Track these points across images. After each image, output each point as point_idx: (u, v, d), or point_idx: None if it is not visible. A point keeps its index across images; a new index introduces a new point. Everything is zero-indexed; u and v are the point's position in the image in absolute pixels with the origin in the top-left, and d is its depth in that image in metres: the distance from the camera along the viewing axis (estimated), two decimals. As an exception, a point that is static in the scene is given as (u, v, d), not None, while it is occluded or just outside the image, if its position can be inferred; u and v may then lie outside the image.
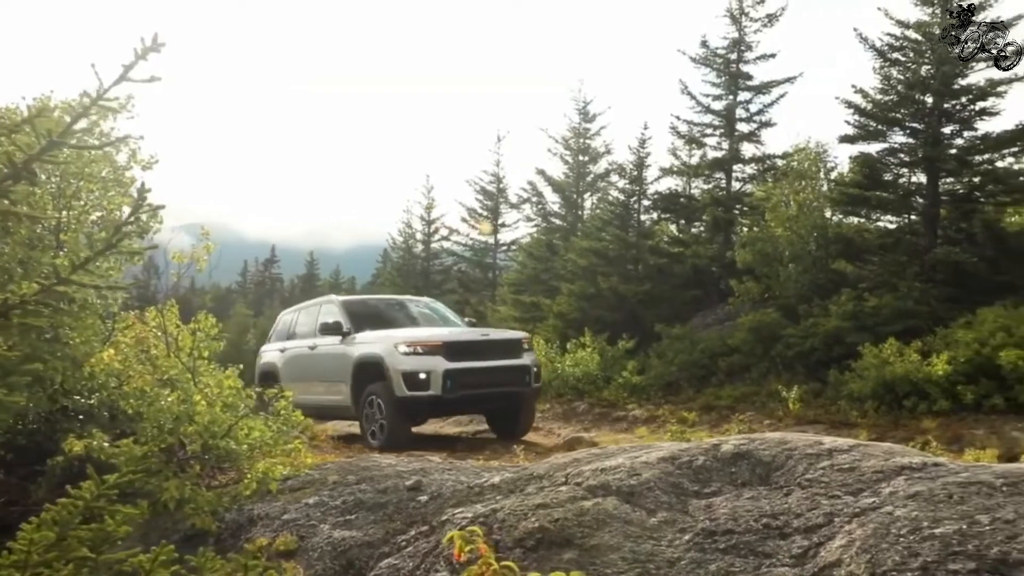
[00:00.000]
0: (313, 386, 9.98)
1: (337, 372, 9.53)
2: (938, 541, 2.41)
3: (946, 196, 12.93)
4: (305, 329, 10.83)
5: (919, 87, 12.51)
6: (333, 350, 9.71)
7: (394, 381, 8.56)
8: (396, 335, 9.23)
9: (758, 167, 17.29)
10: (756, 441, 3.70)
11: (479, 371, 8.87)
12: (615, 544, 3.07)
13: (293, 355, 10.81)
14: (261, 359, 11.93)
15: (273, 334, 12.11)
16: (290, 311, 12.22)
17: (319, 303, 11.16)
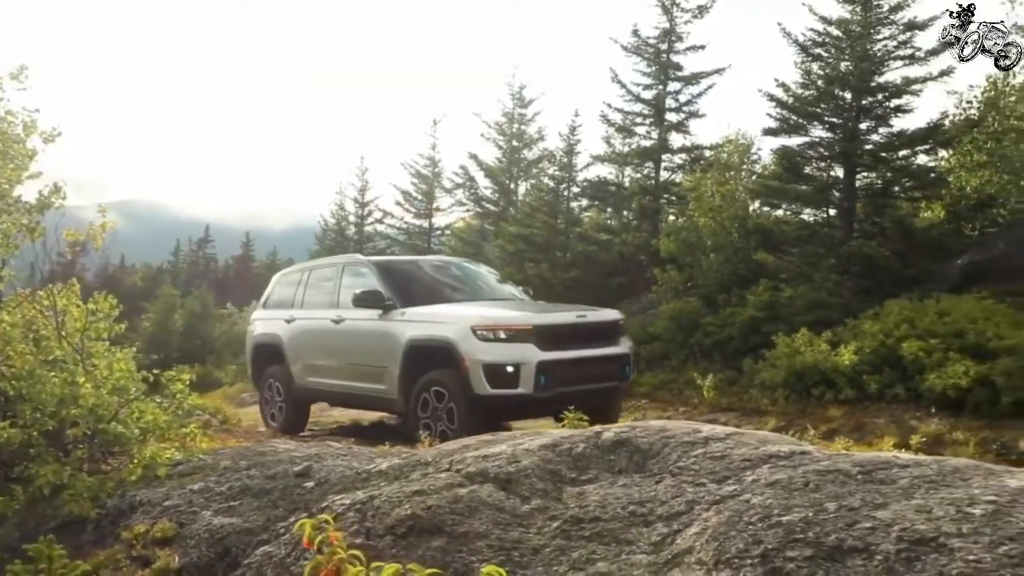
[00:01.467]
0: (338, 369, 8.45)
1: (378, 355, 7.86)
2: (783, 528, 2.45)
3: (862, 191, 13.28)
4: (321, 296, 8.98)
5: (838, 83, 12.80)
6: (371, 327, 7.94)
7: (471, 374, 6.88)
8: (470, 314, 7.47)
9: (686, 157, 17.49)
10: (637, 429, 3.73)
11: (577, 363, 7.20)
12: (484, 531, 3.06)
13: (306, 328, 8.98)
14: (255, 330, 9.98)
15: (268, 299, 10.09)
16: (292, 271, 10.20)
17: (338, 264, 9.19)
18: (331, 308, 8.64)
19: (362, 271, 8.59)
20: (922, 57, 12.66)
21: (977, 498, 2.42)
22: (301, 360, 8.94)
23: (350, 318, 8.25)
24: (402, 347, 7.50)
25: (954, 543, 2.17)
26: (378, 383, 7.89)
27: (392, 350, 7.62)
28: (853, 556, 2.23)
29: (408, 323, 7.60)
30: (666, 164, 17.61)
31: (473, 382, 6.90)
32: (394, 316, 7.73)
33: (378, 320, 7.86)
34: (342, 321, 8.37)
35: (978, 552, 2.10)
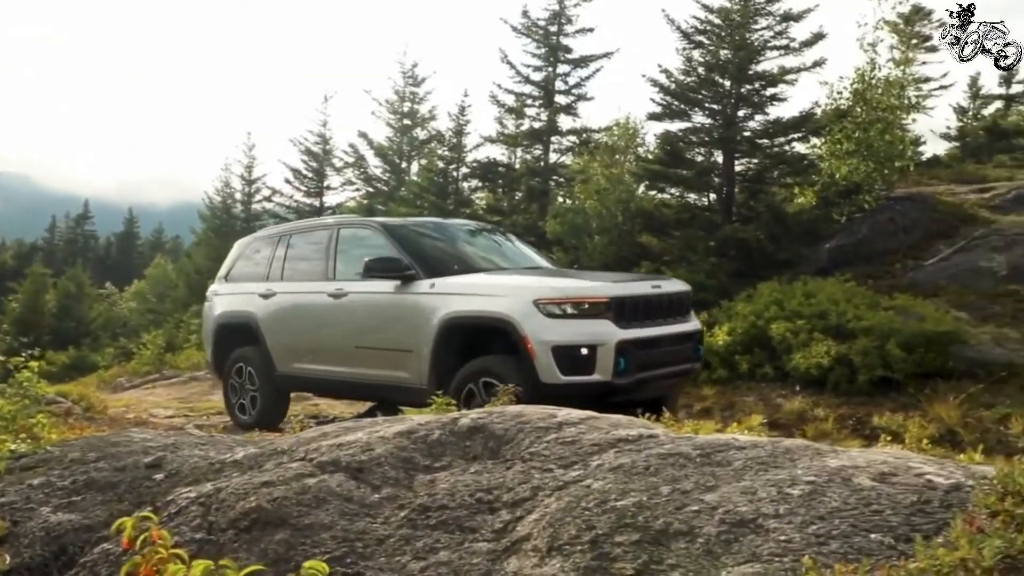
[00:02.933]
0: (338, 353, 7.22)
1: (398, 336, 6.66)
2: (616, 513, 2.48)
3: (740, 176, 13.74)
4: (309, 266, 7.74)
5: (718, 70, 13.17)
6: (388, 302, 6.75)
7: (538, 358, 5.70)
8: (530, 284, 6.29)
9: (576, 139, 17.68)
10: (494, 414, 3.73)
11: (656, 343, 6.19)
12: (330, 522, 3.00)
13: (291, 305, 7.74)
14: (216, 307, 8.60)
15: (231, 271, 8.75)
16: (263, 237, 8.77)
17: (330, 227, 7.86)
18: (324, 280, 7.40)
19: (364, 234, 7.35)
20: (796, 48, 13.16)
21: (799, 479, 2.51)
22: (284, 342, 7.74)
23: (355, 291, 7.02)
24: (434, 326, 6.26)
25: (771, 524, 2.24)
26: (398, 370, 6.65)
27: (418, 329, 6.40)
28: (677, 539, 2.28)
29: (442, 296, 6.35)
30: (556, 146, 17.77)
31: (540, 368, 5.70)
32: (419, 288, 6.51)
33: (396, 293, 6.65)
34: (343, 295, 7.12)
35: (790, 532, 2.17)
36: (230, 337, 8.40)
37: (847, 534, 2.13)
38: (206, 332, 8.88)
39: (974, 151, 20.94)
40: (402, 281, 6.67)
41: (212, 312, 8.70)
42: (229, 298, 8.53)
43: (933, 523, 2.14)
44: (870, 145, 13.61)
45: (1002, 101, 24.25)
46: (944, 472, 2.46)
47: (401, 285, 6.67)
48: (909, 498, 2.29)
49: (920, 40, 20.93)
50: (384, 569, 2.71)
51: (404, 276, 6.67)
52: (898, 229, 12.60)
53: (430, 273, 6.64)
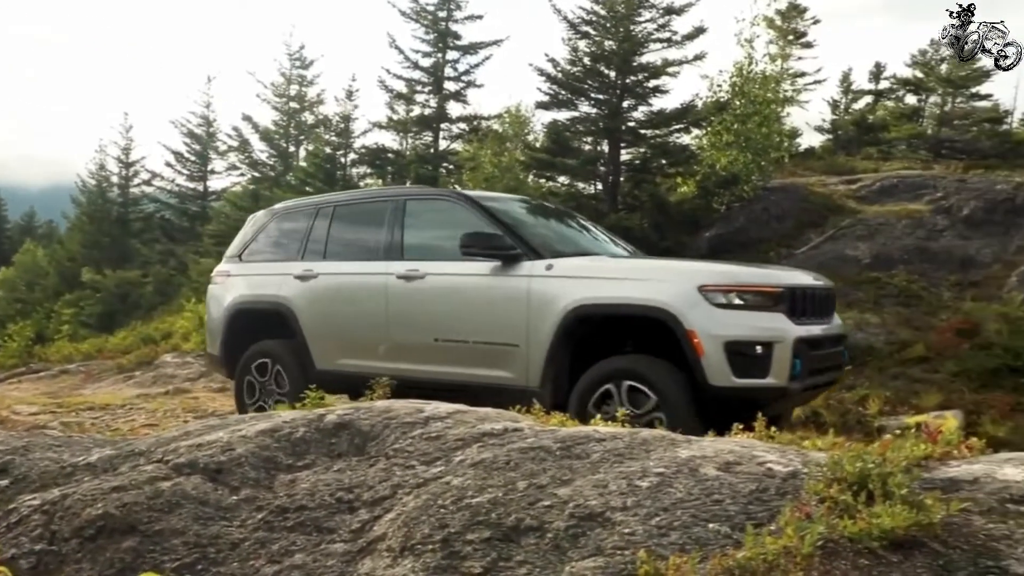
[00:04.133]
0: (410, 347, 6.10)
1: (502, 327, 5.62)
2: (470, 511, 2.48)
3: (625, 165, 14.02)
4: (367, 243, 6.56)
5: (604, 61, 13.36)
6: (486, 287, 5.71)
7: (706, 356, 4.79)
8: (692, 267, 5.47)
9: (466, 127, 17.65)
10: (361, 410, 3.68)
11: (822, 344, 5.36)
12: (182, 528, 2.89)
13: (343, 288, 6.54)
14: (231, 292, 7.17)
15: (247, 247, 7.39)
16: (296, 208, 7.40)
17: (395, 198, 6.58)
18: (388, 259, 6.28)
19: (443, 207, 6.38)
20: (678, 41, 13.50)
21: (649, 470, 2.58)
22: (330, 334, 6.57)
23: (435, 273, 5.97)
24: (555, 316, 5.29)
25: (617, 516, 2.29)
26: (496, 368, 5.62)
27: (530, 320, 5.43)
28: (528, 535, 2.30)
29: (563, 280, 5.38)
30: (445, 133, 17.70)
31: (709, 368, 4.79)
32: (529, 270, 5.52)
33: (496, 276, 5.64)
34: (418, 278, 6.03)
35: (634, 525, 2.22)
36: (249, 326, 7.04)
37: (687, 525, 2.20)
38: (213, 320, 7.41)
39: (845, 144, 22.01)
40: (504, 262, 5.60)
41: (223, 297, 7.24)
42: (248, 280, 7.11)
43: (768, 511, 2.23)
44: (748, 137, 14.12)
45: (872, 96, 25.57)
46: (784, 460, 2.56)
47: (502, 267, 5.60)
48: (749, 487, 2.38)
49: (796, 36, 21.81)
50: (236, 574, 2.64)
51: (508, 256, 5.59)
52: (772, 218, 13.14)
53: (542, 253, 5.62)
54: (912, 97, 24.01)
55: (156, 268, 22.19)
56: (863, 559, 1.93)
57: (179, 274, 21.33)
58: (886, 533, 1.95)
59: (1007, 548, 1.92)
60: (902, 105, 23.42)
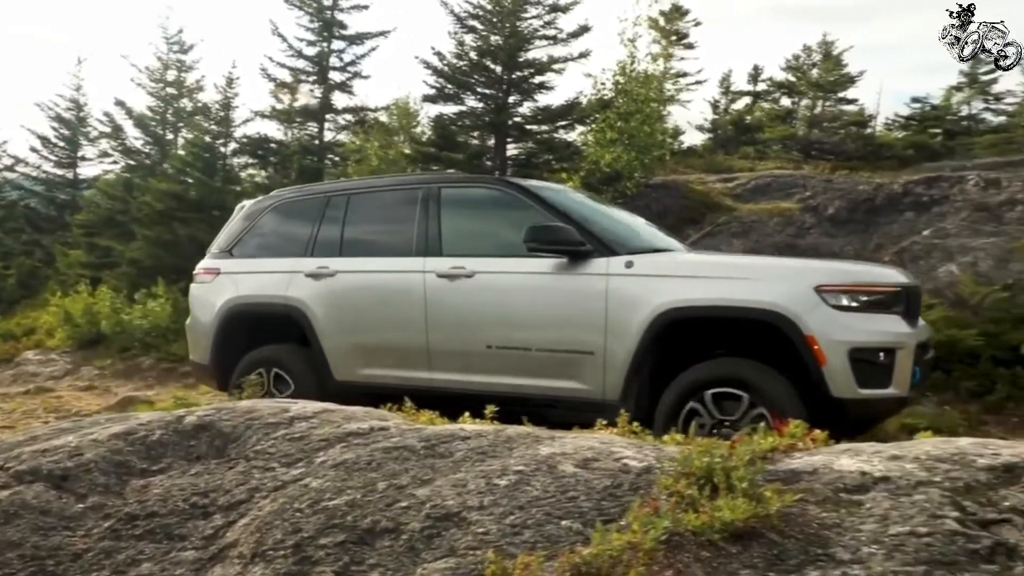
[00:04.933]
0: (457, 355, 5.39)
1: (574, 332, 4.98)
2: (326, 514, 2.44)
3: (512, 161, 14.10)
4: (394, 237, 5.82)
5: (490, 56, 13.39)
6: (552, 286, 5.08)
7: (828, 365, 4.28)
8: (806, 265, 5.05)
9: (352, 118, 17.34)
10: (224, 411, 3.56)
11: (926, 348, 4.92)
12: (19, 539, 2.72)
13: (369, 287, 5.78)
14: (224, 291, 6.31)
15: (240, 240, 6.56)
16: (299, 197, 6.62)
17: (425, 186, 5.87)
18: (421, 255, 5.57)
19: (486, 195, 5.75)
20: (564, 38, 13.65)
21: (509, 468, 2.59)
22: (354, 339, 5.79)
23: (487, 271, 5.30)
24: (643, 320, 4.70)
25: (474, 516, 2.29)
26: (566, 378, 4.99)
27: (610, 325, 4.83)
28: (383, 537, 2.28)
29: (648, 280, 4.80)
30: (331, 124, 17.34)
31: (832, 379, 4.30)
32: (607, 268, 4.91)
33: (562, 274, 5.03)
34: (465, 276, 5.34)
35: (489, 524, 2.23)
36: (248, 331, 6.21)
37: (541, 523, 2.22)
38: (199, 324, 6.50)
39: (724, 143, 22.81)
40: (571, 259, 5.00)
41: (212, 297, 6.37)
42: (245, 278, 6.30)
43: (621, 506, 2.28)
44: (631, 135, 14.42)
45: (750, 97, 26.60)
46: (640, 455, 2.62)
47: (569, 264, 5.00)
48: (604, 483, 2.42)
49: (678, 37, 22.45)
50: (77, 588, 2.50)
51: (579, 252, 4.98)
52: (654, 215, 13.42)
53: (616, 249, 5.03)
54: (787, 99, 25.13)
55: (20, 259, 20.88)
56: (705, 551, 2.00)
57: (45, 266, 20.14)
58: (726, 525, 2.02)
59: (836, 536, 2.02)
60: (777, 107, 24.46)
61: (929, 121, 23.58)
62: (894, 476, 2.24)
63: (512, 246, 5.25)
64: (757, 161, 19.37)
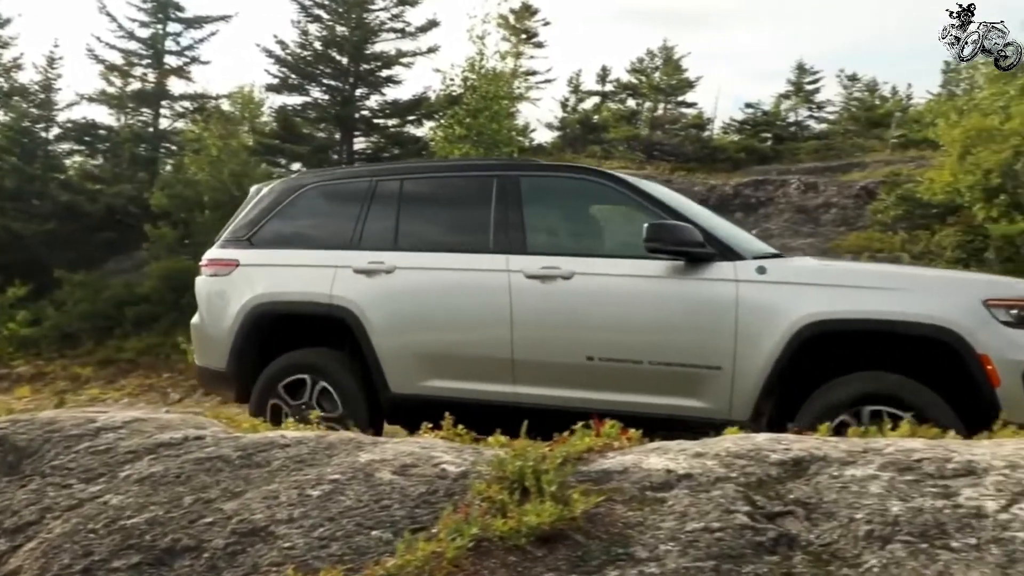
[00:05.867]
0: (551, 367, 4.76)
1: (697, 344, 4.49)
2: (123, 534, 2.30)
3: (358, 154, 13.88)
4: (464, 230, 5.22)
5: (336, 47, 13.11)
6: (669, 293, 4.58)
7: (1004, 387, 3.97)
8: (969, 278, 4.84)
9: (191, 105, 16.55)
10: (21, 423, 3.28)
11: None
12: None
13: (444, 285, 5.06)
14: (248, 287, 5.37)
15: (263, 227, 5.62)
16: (341, 178, 5.91)
17: (502, 174, 5.21)
18: (501, 251, 4.94)
19: (581, 188, 5.11)
20: (412, 32, 13.56)
21: (325, 477, 2.52)
22: (417, 346, 5.06)
23: (587, 272, 4.73)
24: (783, 332, 4.29)
25: (281, 530, 2.21)
26: (685, 395, 4.50)
27: (741, 337, 4.39)
28: (182, 557, 2.16)
29: (790, 288, 4.42)
30: (168, 111, 16.48)
31: (1005, 401, 3.94)
32: (735, 274, 4.47)
33: (686, 280, 4.54)
34: (562, 277, 4.74)
35: (296, 538, 2.16)
36: (277, 334, 5.39)
37: (351, 534, 2.17)
38: (214, 324, 5.53)
39: (572, 141, 23.37)
40: (690, 261, 4.51)
41: (231, 293, 5.43)
42: (274, 272, 5.42)
43: (434, 513, 2.26)
44: (480, 132, 14.50)
45: (599, 97, 27.37)
46: (459, 460, 2.62)
47: (686, 268, 4.53)
48: (419, 489, 2.40)
49: (528, 35, 22.77)
50: None
51: (700, 255, 4.50)
52: (501, 212, 13.62)
53: (740, 253, 4.59)
54: (632, 101, 26.04)
55: None
56: (512, 556, 2.01)
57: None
58: (533, 529, 2.04)
59: (638, 534, 2.08)
60: (623, 108, 25.30)
61: (760, 126, 25.08)
62: (696, 473, 2.34)
63: (612, 245, 4.98)
64: (603, 160, 19.96)
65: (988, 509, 1.94)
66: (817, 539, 1.99)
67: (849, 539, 1.96)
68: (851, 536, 1.96)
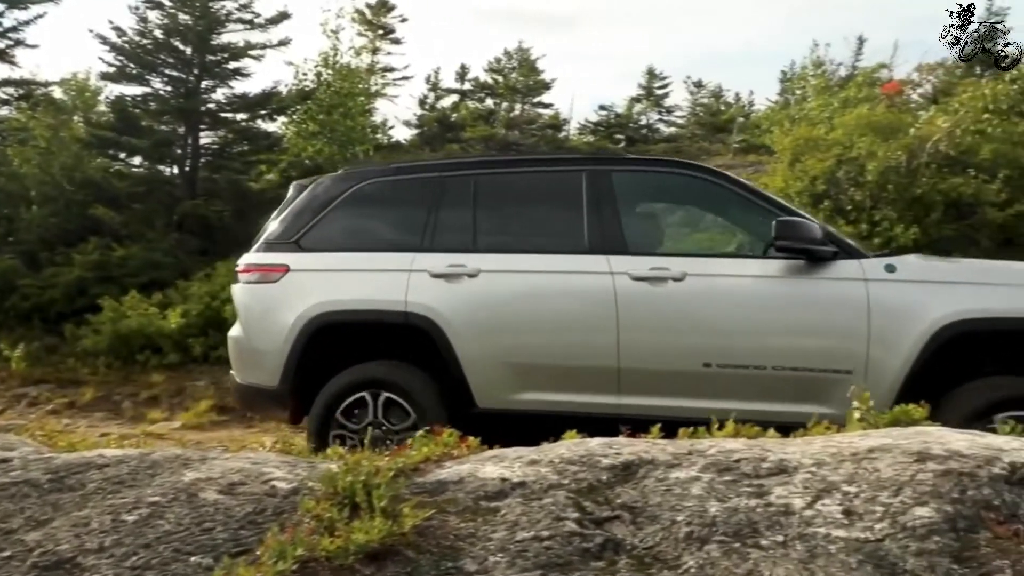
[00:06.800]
0: (662, 376, 4.43)
1: (830, 348, 4.25)
2: (-96, 575, 2.06)
3: (204, 150, 13.27)
4: (554, 231, 4.78)
5: (179, 36, 12.48)
6: (798, 291, 4.33)
7: None
8: None
9: (16, 91, 15.34)
10: None
11: None
12: None
13: (538, 290, 4.64)
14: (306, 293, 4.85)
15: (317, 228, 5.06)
16: (403, 172, 5.34)
17: (591, 168, 4.81)
18: (598, 252, 4.58)
19: (683, 184, 4.83)
20: (262, 24, 13.10)
21: (144, 500, 2.38)
22: (509, 357, 4.66)
23: (701, 273, 4.46)
24: (921, 334, 4.08)
25: (90, 561, 2.06)
26: (813, 402, 4.15)
27: (873, 339, 4.16)
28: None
29: (925, 286, 4.21)
30: (-11, 97, 15.20)
31: None
32: (863, 272, 4.26)
33: (810, 280, 4.31)
34: (674, 279, 4.45)
35: (105, 569, 2.02)
36: (341, 346, 4.89)
37: (167, 561, 2.05)
38: (262, 337, 4.99)
39: (430, 139, 23.29)
40: (811, 261, 4.32)
41: (284, 301, 4.91)
42: (336, 278, 4.91)
43: (260, 535, 2.17)
44: (333, 128, 14.22)
45: (457, 96, 27.39)
46: (291, 476, 2.53)
47: (808, 267, 4.33)
48: (246, 509, 2.30)
49: (384, 31, 22.50)
50: None
51: (823, 254, 4.29)
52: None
53: (861, 251, 4.43)
54: (490, 100, 26.23)
55: None
56: (339, 576, 1.96)
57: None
58: (362, 547, 1.99)
59: (469, 546, 2.07)
60: (480, 107, 25.45)
61: (614, 128, 25.87)
62: (530, 481, 2.35)
63: (719, 243, 4.75)
64: (461, 159, 19.97)
65: (795, 506, 2.05)
66: (641, 543, 2.04)
67: (670, 541, 2.02)
68: (672, 538, 2.02)
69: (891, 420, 2.91)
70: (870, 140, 9.53)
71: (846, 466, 2.24)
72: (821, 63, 13.56)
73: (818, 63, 13.56)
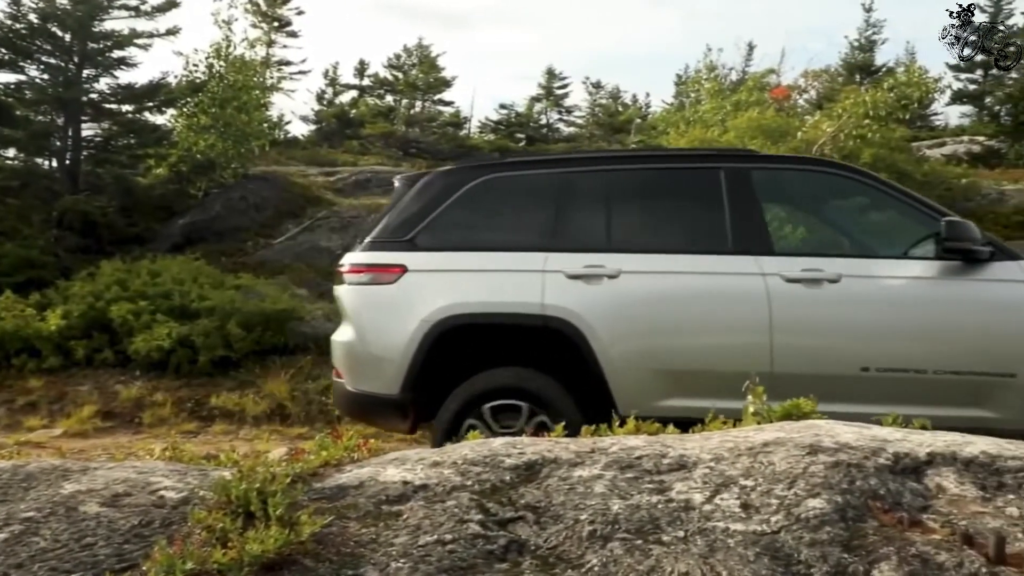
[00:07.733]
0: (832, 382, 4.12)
1: (994, 351, 4.19)
2: None
3: (86, 142, 12.63)
4: (694, 225, 4.61)
5: (57, 22, 11.82)
6: (959, 293, 4.25)
7: None
8: None
9: None
10: None
11: None
12: None
13: (686, 292, 4.42)
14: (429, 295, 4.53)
15: (434, 225, 4.72)
16: (522, 167, 5.00)
17: (727, 166, 4.60)
18: (745, 252, 4.41)
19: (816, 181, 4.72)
20: (148, 11, 12.55)
21: (16, 515, 2.22)
22: (655, 361, 4.41)
23: (856, 274, 4.33)
24: None
25: (-46, 585, 1.90)
26: (974, 407, 4.17)
27: None
28: None
29: None
30: None
31: None
32: (1022, 274, 4.22)
33: (967, 281, 4.26)
34: (829, 280, 4.32)
35: (-28, 593, 1.87)
36: (472, 353, 4.56)
37: (42, 582, 1.92)
38: (378, 342, 4.64)
39: (328, 135, 22.87)
40: (967, 261, 4.26)
41: (404, 303, 4.60)
42: (462, 279, 4.61)
43: (146, 549, 2.05)
44: (227, 122, 13.76)
45: (357, 92, 26.96)
46: (180, 484, 2.41)
47: (964, 268, 4.26)
48: (132, 522, 2.17)
49: (280, 24, 21.95)
50: None
51: (980, 255, 4.23)
52: (250, 207, 13.01)
53: (1014, 252, 4.37)
54: (390, 97, 25.96)
55: None
56: (233, 590, 1.87)
57: None
58: (257, 558, 1.90)
59: (370, 553, 2.02)
60: (380, 103, 25.15)
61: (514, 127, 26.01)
62: (432, 483, 2.31)
63: (870, 243, 4.67)
64: (360, 156, 19.72)
65: (695, 501, 2.08)
66: (545, 543, 2.03)
67: (574, 540, 2.02)
68: (576, 537, 2.02)
69: (783, 414, 3.00)
70: (760, 143, 9.88)
71: (743, 460, 2.29)
72: (714, 67, 14.01)
73: (711, 67, 13.99)
